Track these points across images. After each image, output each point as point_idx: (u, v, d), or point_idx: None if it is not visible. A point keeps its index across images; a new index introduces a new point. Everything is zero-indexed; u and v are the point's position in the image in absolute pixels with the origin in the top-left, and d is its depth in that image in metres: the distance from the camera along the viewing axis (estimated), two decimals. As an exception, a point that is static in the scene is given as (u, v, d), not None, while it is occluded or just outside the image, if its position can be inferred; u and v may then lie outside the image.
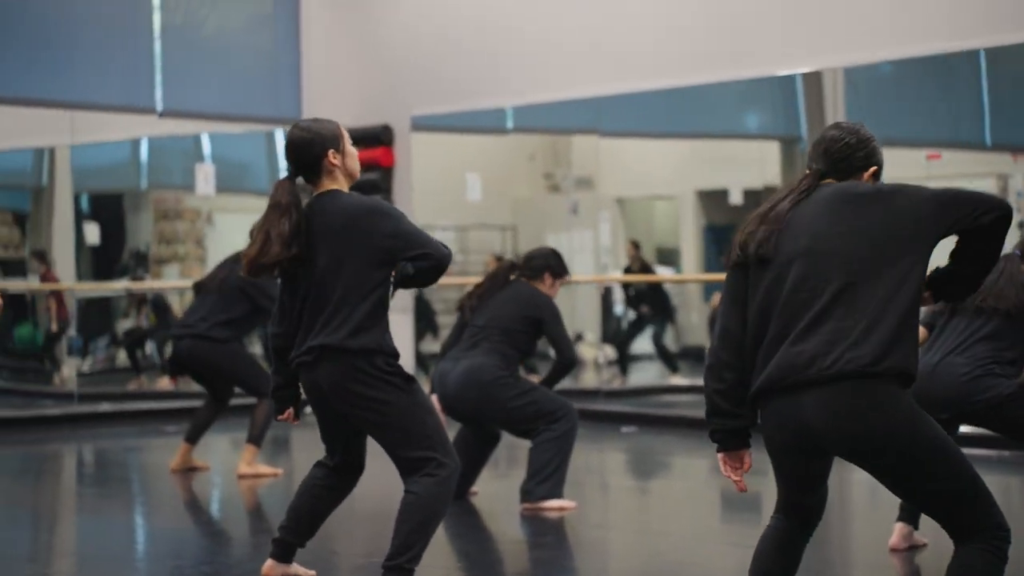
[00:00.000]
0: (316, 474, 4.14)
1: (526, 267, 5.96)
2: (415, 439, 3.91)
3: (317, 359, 3.88)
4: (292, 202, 3.86)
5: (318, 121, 3.97)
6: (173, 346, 6.98)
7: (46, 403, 10.82)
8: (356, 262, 3.84)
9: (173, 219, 13.60)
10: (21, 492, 6.98)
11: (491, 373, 5.69)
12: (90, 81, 9.55)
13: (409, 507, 3.90)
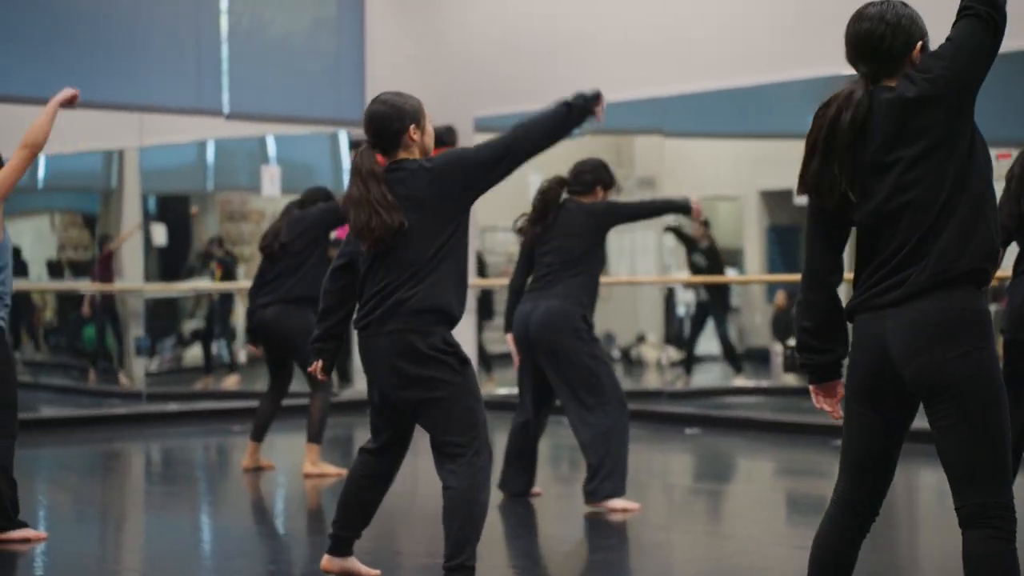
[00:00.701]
0: (358, 464, 4.15)
1: (577, 183, 5.87)
2: (460, 425, 3.89)
3: (380, 327, 3.89)
4: (379, 172, 3.89)
5: (400, 95, 3.99)
6: (256, 315, 7.01)
7: (114, 402, 10.97)
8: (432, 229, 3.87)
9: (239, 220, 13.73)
10: (90, 490, 7.07)
11: (572, 322, 5.67)
12: (159, 84, 9.68)
13: (453, 503, 3.89)
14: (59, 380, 11.69)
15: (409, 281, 3.87)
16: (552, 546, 5.34)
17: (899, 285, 2.83)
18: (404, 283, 3.87)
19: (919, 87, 2.82)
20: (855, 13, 2.94)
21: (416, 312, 3.86)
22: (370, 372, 3.98)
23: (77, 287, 12.38)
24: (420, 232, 3.86)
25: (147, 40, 9.59)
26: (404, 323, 3.87)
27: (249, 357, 11.93)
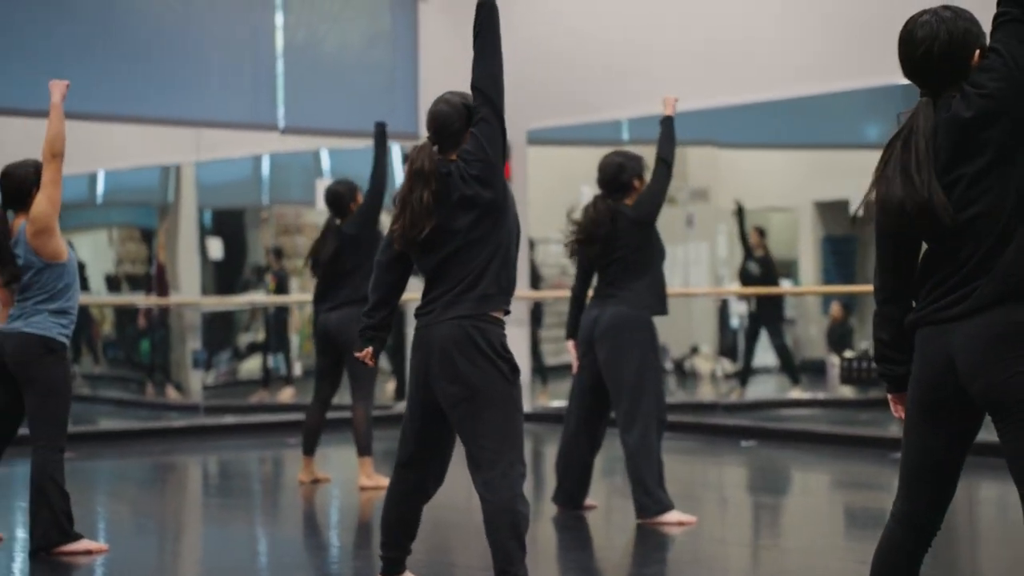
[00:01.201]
0: (392, 480, 4.14)
1: (614, 189, 5.85)
2: (500, 438, 3.87)
3: (442, 314, 3.90)
4: (430, 172, 3.91)
5: (464, 96, 4.03)
6: (320, 319, 7.05)
7: (172, 415, 11.07)
8: (478, 230, 3.89)
9: (293, 234, 13.83)
10: (148, 502, 7.13)
11: (636, 329, 5.68)
12: (216, 100, 9.78)
13: (495, 516, 3.87)
14: (117, 393, 11.82)
15: (466, 275, 3.89)
16: (608, 558, 5.32)
17: (964, 299, 2.80)
18: (462, 277, 3.89)
19: (974, 106, 2.79)
20: (904, 31, 2.89)
21: (475, 302, 3.88)
22: (421, 365, 3.96)
23: (134, 301, 12.53)
24: (469, 228, 3.89)
25: (204, 56, 9.70)
26: (466, 312, 3.88)
27: (304, 370, 12.01)
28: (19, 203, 5.26)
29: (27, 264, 5.18)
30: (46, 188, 5.15)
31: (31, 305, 5.19)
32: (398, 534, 4.15)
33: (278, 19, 9.97)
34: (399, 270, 4.06)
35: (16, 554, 5.36)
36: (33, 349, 5.15)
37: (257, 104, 9.91)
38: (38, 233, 5.15)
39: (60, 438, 5.20)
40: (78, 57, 9.16)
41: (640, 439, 5.66)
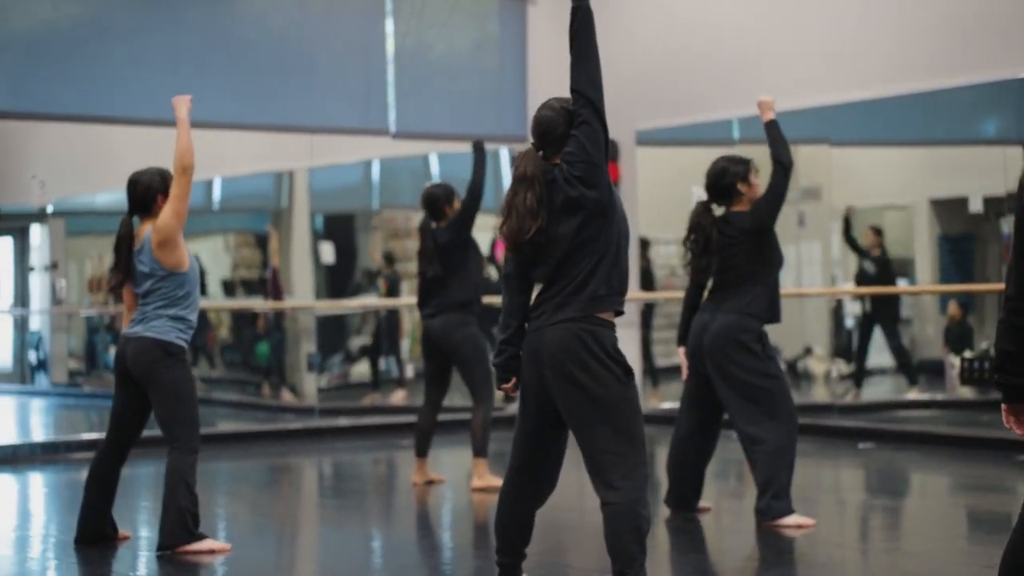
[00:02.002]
0: (504, 484, 4.14)
1: (717, 194, 5.76)
2: (620, 439, 3.86)
3: (552, 317, 3.90)
4: (535, 175, 3.93)
5: (568, 101, 4.03)
6: (424, 324, 7.10)
7: (288, 417, 11.24)
8: (586, 232, 3.89)
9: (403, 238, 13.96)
10: (265, 503, 7.25)
11: (747, 338, 5.62)
12: (328, 106, 9.92)
13: (616, 518, 3.85)
14: (235, 395, 12.05)
15: (575, 276, 3.89)
16: (725, 562, 5.26)
17: None
18: (572, 278, 3.89)
19: None
20: None
21: (585, 303, 3.87)
22: (533, 369, 3.95)
23: (251, 305, 12.76)
24: (577, 231, 3.89)
25: (317, 64, 9.84)
26: (575, 314, 3.87)
27: (416, 372, 12.11)
28: (144, 210, 5.39)
29: (151, 272, 5.31)
30: (174, 202, 5.25)
31: (152, 310, 5.31)
32: (513, 539, 4.15)
33: (388, 26, 10.08)
34: (527, 288, 4.03)
35: (140, 552, 5.49)
36: (152, 353, 5.27)
37: (368, 110, 10.03)
38: (162, 244, 5.26)
39: (193, 439, 5.31)
40: (194, 66, 9.35)
41: (773, 442, 5.59)
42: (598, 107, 3.94)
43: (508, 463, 4.13)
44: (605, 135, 3.96)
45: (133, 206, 5.41)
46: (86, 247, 14.68)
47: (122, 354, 5.35)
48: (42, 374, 14.53)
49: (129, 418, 5.44)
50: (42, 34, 8.93)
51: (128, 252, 5.35)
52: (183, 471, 5.27)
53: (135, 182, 5.43)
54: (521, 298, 4.02)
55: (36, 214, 14.01)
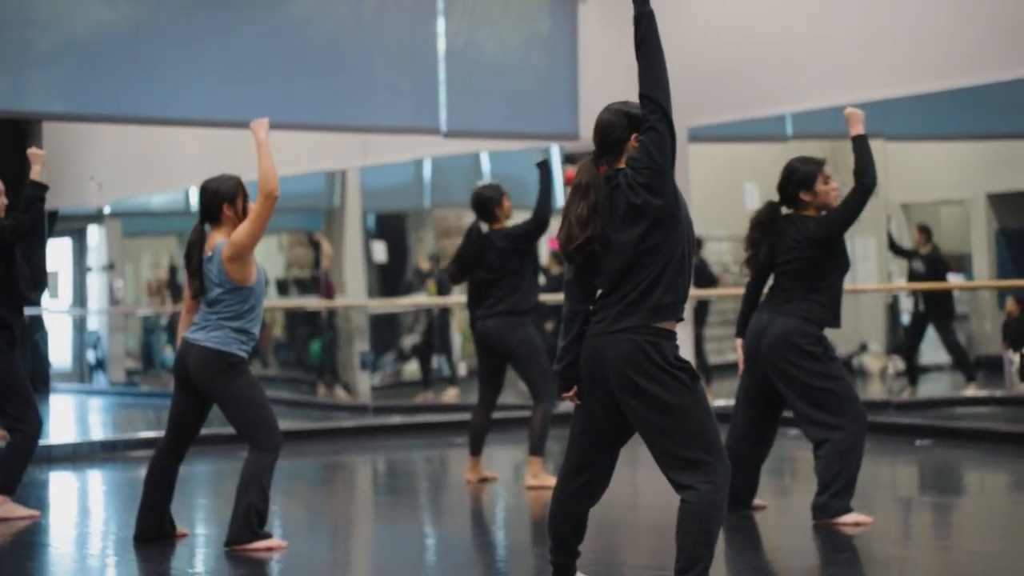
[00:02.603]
0: (559, 484, 4.12)
1: (784, 198, 5.66)
2: (692, 442, 3.85)
3: (612, 325, 3.88)
4: (590, 183, 3.92)
5: (628, 105, 4.02)
6: (478, 325, 7.12)
7: (342, 415, 11.31)
8: (650, 240, 3.87)
9: (454, 236, 13.99)
10: (319, 500, 7.30)
11: (806, 343, 5.54)
12: (380, 106, 9.96)
13: (688, 518, 3.83)
14: (289, 394, 12.13)
15: (640, 283, 3.87)
16: (781, 560, 5.23)
17: None
18: (636, 285, 3.87)
19: None
20: None
21: (649, 312, 3.85)
22: (594, 375, 3.94)
23: (304, 304, 12.84)
24: (641, 238, 3.87)
25: (369, 64, 9.89)
26: (637, 324, 3.86)
27: (468, 370, 12.14)
28: (211, 218, 5.40)
29: (219, 283, 5.33)
30: (252, 223, 5.24)
31: (215, 320, 5.34)
32: (567, 538, 4.14)
33: (440, 25, 10.10)
34: (588, 294, 4.00)
35: (198, 549, 5.55)
36: (215, 365, 5.31)
37: (420, 109, 10.06)
38: (232, 259, 5.29)
39: (272, 440, 5.35)
40: (248, 67, 9.43)
41: (838, 441, 5.53)
42: (667, 112, 3.90)
43: (563, 463, 4.13)
44: (673, 140, 3.92)
45: (202, 213, 5.43)
46: (142, 248, 14.85)
47: (183, 359, 5.39)
48: (100, 373, 14.71)
49: (187, 419, 5.49)
50: (99, 37, 9.04)
51: (199, 260, 5.37)
52: (259, 470, 5.32)
53: (204, 189, 5.44)
54: (581, 305, 3.98)
55: (93, 215, 14.19)
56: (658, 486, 7.07)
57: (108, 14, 9.10)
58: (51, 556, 5.60)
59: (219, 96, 9.34)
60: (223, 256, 5.31)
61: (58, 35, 8.89)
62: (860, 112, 5.67)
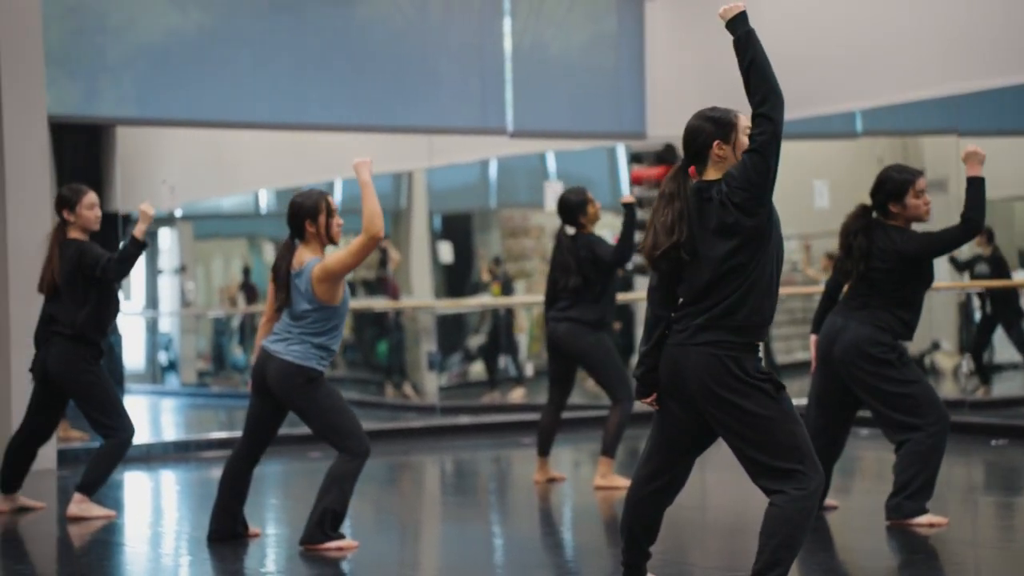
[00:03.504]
0: (634, 486, 4.09)
1: (878, 205, 5.54)
2: (781, 451, 3.81)
3: (692, 337, 3.86)
4: (674, 192, 3.90)
5: (715, 110, 3.97)
6: (550, 328, 7.12)
7: (410, 415, 11.36)
8: (738, 258, 3.83)
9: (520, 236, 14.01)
10: (388, 500, 7.34)
11: (879, 351, 5.46)
12: (447, 107, 10.00)
13: (774, 521, 3.80)
14: (357, 394, 12.21)
15: (724, 299, 3.82)
16: (854, 561, 5.18)
17: None
18: (719, 301, 3.83)
19: None
20: None
21: (732, 331, 3.82)
22: (674, 383, 3.91)
23: (372, 304, 12.92)
24: (728, 256, 3.82)
25: (436, 65, 9.93)
26: (720, 339, 3.82)
27: (536, 370, 12.14)
28: (296, 232, 5.42)
29: (306, 299, 5.36)
30: (349, 255, 5.24)
31: (297, 333, 5.37)
32: (639, 540, 4.13)
33: (506, 25, 10.11)
34: (670, 302, 3.96)
35: (269, 548, 5.60)
36: (293, 380, 5.34)
37: (486, 109, 10.08)
38: (321, 281, 5.30)
39: (359, 446, 5.37)
40: (316, 70, 9.51)
41: (917, 443, 5.46)
42: (779, 133, 3.83)
43: (639, 466, 4.10)
44: (777, 159, 3.83)
45: (289, 227, 5.46)
46: (213, 250, 15.03)
47: (261, 368, 5.42)
48: (172, 374, 14.91)
49: (263, 425, 5.54)
50: (170, 43, 9.17)
51: (287, 273, 5.39)
52: (344, 475, 5.36)
53: (291, 203, 5.44)
54: (663, 312, 3.95)
55: (165, 218, 14.38)
56: (727, 487, 7.04)
57: (179, 20, 9.22)
58: (127, 555, 5.68)
59: (287, 99, 9.43)
60: (312, 276, 5.31)
61: (130, 42, 9.03)
62: (981, 152, 5.47)
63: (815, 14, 9.92)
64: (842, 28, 9.75)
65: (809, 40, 9.91)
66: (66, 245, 6.34)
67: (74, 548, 5.85)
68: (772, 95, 3.86)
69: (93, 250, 6.30)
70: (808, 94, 9.88)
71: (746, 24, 3.93)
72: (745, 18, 3.93)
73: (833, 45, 9.79)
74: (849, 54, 9.67)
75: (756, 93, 3.86)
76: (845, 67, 9.67)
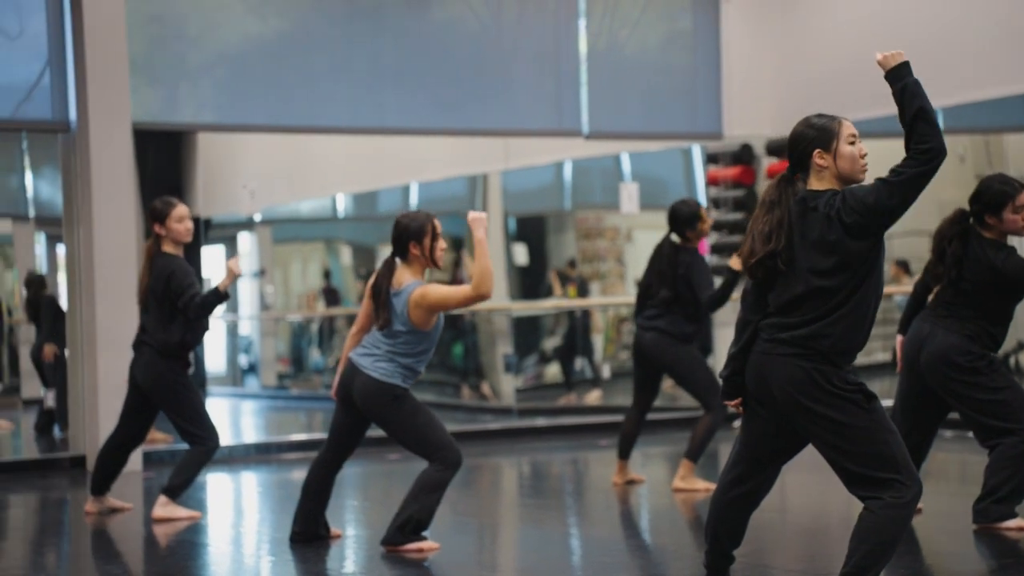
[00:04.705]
0: (721, 491, 4.07)
1: (975, 213, 5.40)
2: (875, 461, 3.75)
3: (771, 359, 3.82)
4: (775, 200, 3.86)
5: (820, 117, 3.90)
6: (637, 334, 7.10)
7: (486, 418, 11.39)
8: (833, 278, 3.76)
9: (594, 238, 13.98)
10: (466, 502, 7.35)
11: (965, 359, 5.35)
12: (522, 109, 10.01)
13: (866, 527, 3.74)
14: (434, 397, 12.27)
15: (815, 320, 3.77)
16: (942, 564, 5.11)
17: None
18: (810, 321, 3.78)
19: None
20: None
21: (819, 354, 3.76)
22: (761, 392, 3.88)
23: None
24: (825, 273, 3.77)
25: (511, 67, 9.94)
26: (806, 355, 3.78)
27: (612, 372, 12.11)
28: (399, 252, 5.43)
29: (400, 320, 5.37)
30: (452, 297, 5.26)
31: (386, 350, 5.38)
32: (724, 544, 4.11)
33: (581, 26, 10.10)
34: (762, 308, 3.93)
35: (350, 550, 5.66)
36: (379, 398, 5.37)
37: (562, 111, 10.08)
38: (417, 307, 5.30)
39: (451, 457, 5.39)
40: (393, 74, 9.57)
41: (1009, 447, 5.36)
42: (921, 180, 3.70)
43: (725, 469, 4.08)
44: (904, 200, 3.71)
45: (393, 245, 5.47)
46: (291, 254, 15.19)
47: (348, 380, 5.45)
48: (252, 377, 15.09)
49: (348, 435, 5.58)
50: (249, 49, 9.29)
51: (387, 293, 5.38)
52: (432, 484, 5.38)
53: (395, 223, 5.45)
54: (753, 316, 3.93)
55: (244, 222, 14.56)
56: (807, 489, 6.97)
57: (258, 27, 9.33)
58: (211, 555, 5.77)
59: (364, 104, 9.50)
60: (411, 300, 5.31)
61: (210, 48, 9.16)
62: None
63: (896, 11, 9.80)
64: (922, 25, 9.61)
65: (887, 37, 9.79)
66: (158, 258, 6.39)
67: (160, 548, 5.95)
68: (937, 146, 3.71)
69: (182, 278, 6.30)
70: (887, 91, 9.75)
71: (910, 73, 3.82)
72: (909, 68, 3.82)
73: (913, 42, 9.65)
74: (930, 51, 9.53)
75: (922, 142, 3.72)
76: (926, 64, 9.50)
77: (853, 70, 9.91)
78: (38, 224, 11.81)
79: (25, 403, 11.93)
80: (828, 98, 10.01)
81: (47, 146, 10.33)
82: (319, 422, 11.62)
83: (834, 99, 9.99)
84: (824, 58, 10.08)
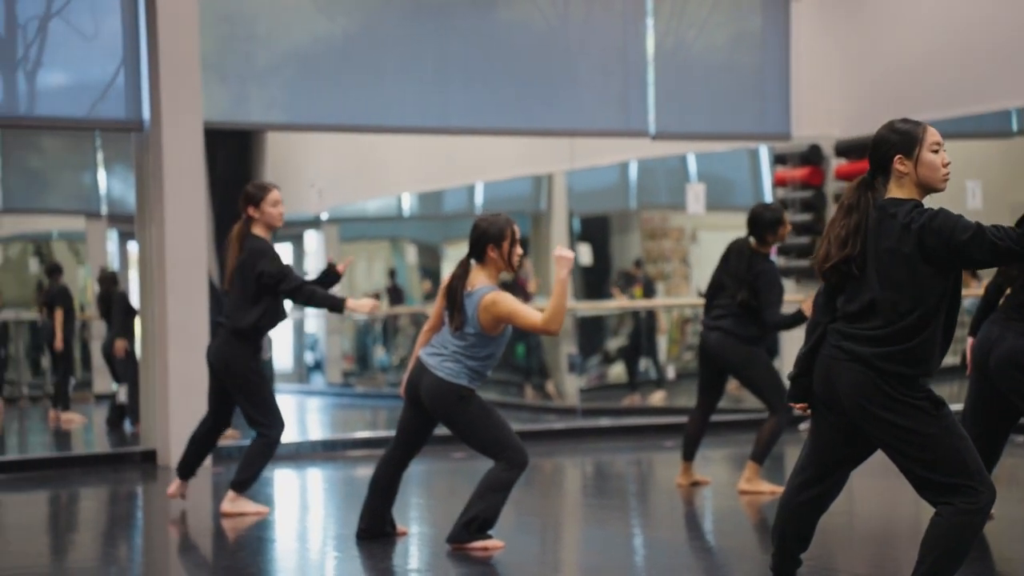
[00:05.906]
0: (789, 494, 4.02)
1: None
2: (946, 467, 3.70)
3: (838, 364, 3.78)
4: (853, 204, 3.81)
5: (905, 122, 3.83)
6: (703, 334, 7.07)
7: (550, 418, 11.40)
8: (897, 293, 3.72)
9: (659, 238, 13.94)
10: (530, 502, 7.36)
11: None
12: (589, 109, 10.00)
13: (937, 533, 3.70)
14: (497, 396, 12.30)
15: (880, 329, 3.72)
16: (1011, 571, 5.04)
17: None
18: (876, 328, 3.73)
19: None
20: None
21: (882, 361, 3.72)
22: (826, 394, 3.85)
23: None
24: (891, 285, 3.72)
25: (578, 67, 9.94)
26: (870, 361, 3.73)
27: (677, 372, 12.06)
28: (476, 254, 5.44)
29: (469, 322, 5.38)
30: (521, 317, 5.26)
31: (453, 351, 5.39)
32: (792, 547, 4.07)
33: (648, 26, 10.07)
34: (833, 310, 3.87)
35: (414, 547, 5.69)
36: (446, 399, 5.40)
37: (628, 111, 10.06)
38: (486, 312, 5.32)
39: (518, 456, 5.42)
40: (460, 75, 9.61)
41: None
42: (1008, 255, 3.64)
43: (794, 472, 4.04)
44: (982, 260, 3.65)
45: (469, 247, 5.49)
46: (358, 252, 15.30)
47: (416, 379, 5.48)
48: (318, 374, 15.22)
49: (414, 433, 5.61)
50: (317, 49, 9.37)
51: (461, 295, 5.39)
52: (500, 484, 5.41)
53: (474, 225, 5.47)
54: (824, 318, 3.88)
55: (311, 221, 14.69)
56: (875, 493, 6.90)
57: (326, 26, 9.41)
58: (279, 551, 5.83)
59: (431, 103, 9.55)
60: (481, 303, 5.33)
61: (278, 48, 9.25)
62: None
63: (969, 12, 9.66)
64: (996, 26, 9.47)
65: (961, 38, 9.66)
66: (250, 239, 6.39)
67: (228, 543, 6.02)
68: None
69: (276, 259, 6.33)
70: (961, 93, 9.63)
71: None
72: None
73: (987, 43, 9.53)
74: (1003, 52, 9.39)
75: None
76: (999, 65, 9.40)
77: (922, 70, 9.79)
78: (111, 221, 12.00)
79: (97, 398, 12.13)
80: (897, 98, 9.89)
81: (120, 144, 10.48)
82: (383, 420, 11.69)
83: (903, 99, 9.87)
84: (893, 58, 9.97)
